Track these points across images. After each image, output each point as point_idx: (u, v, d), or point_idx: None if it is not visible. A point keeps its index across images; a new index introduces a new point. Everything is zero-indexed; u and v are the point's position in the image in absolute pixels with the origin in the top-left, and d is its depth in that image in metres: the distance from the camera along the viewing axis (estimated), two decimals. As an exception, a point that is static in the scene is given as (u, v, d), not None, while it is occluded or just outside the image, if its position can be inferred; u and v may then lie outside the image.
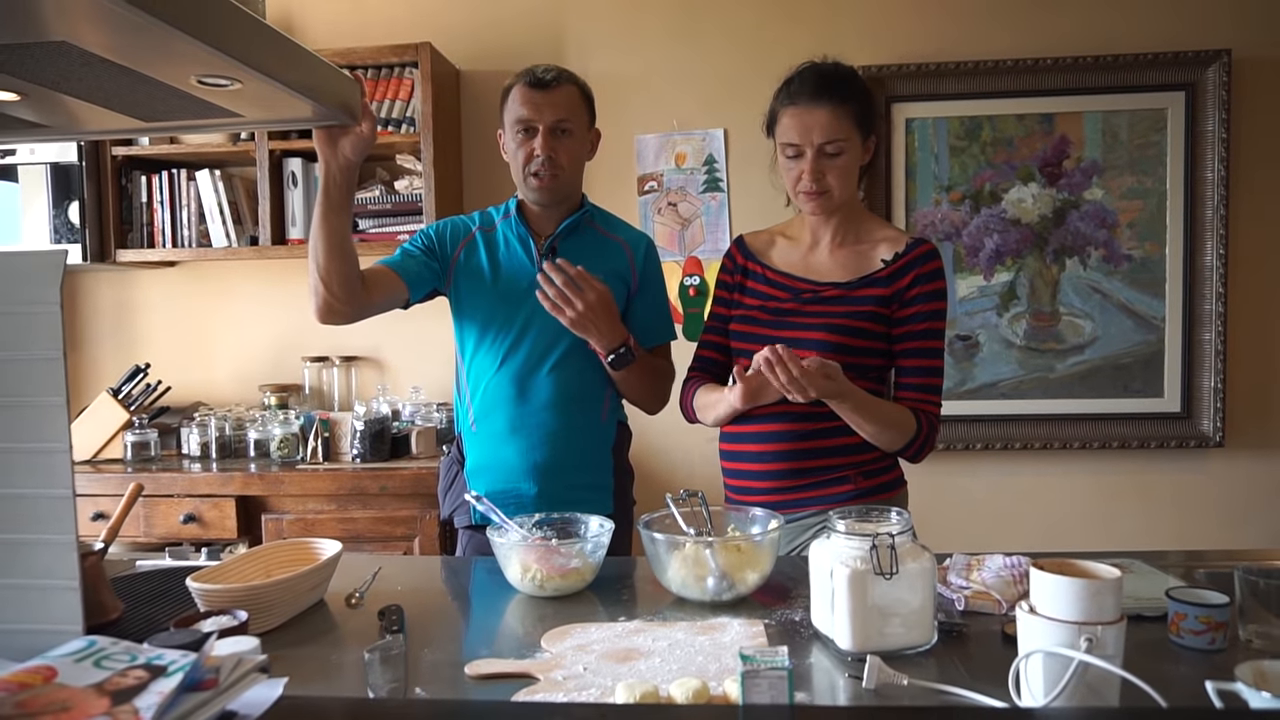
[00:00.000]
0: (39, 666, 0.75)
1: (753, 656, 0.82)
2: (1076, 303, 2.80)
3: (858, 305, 1.53)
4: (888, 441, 1.51)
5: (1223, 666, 1.01)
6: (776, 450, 1.53)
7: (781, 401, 1.45)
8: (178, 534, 2.50)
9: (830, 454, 1.53)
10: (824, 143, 1.48)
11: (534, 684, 1.02)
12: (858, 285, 1.55)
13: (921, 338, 1.54)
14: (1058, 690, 0.85)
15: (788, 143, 1.51)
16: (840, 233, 1.60)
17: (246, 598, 1.17)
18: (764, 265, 1.64)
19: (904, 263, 1.54)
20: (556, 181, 1.66)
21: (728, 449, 1.62)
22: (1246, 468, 2.79)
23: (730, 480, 1.62)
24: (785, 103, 1.52)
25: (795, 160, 1.52)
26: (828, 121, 1.48)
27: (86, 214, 2.75)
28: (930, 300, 1.54)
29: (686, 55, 2.88)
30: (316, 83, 1.29)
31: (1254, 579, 1.10)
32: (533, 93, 1.64)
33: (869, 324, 1.52)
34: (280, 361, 3.02)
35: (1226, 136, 2.68)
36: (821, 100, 1.48)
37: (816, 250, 1.62)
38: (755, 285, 1.63)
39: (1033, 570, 0.92)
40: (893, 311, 1.54)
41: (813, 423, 1.51)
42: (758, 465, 1.55)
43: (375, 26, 2.90)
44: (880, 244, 1.59)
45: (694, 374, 1.69)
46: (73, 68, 1.09)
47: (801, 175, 1.51)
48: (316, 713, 0.78)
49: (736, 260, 1.68)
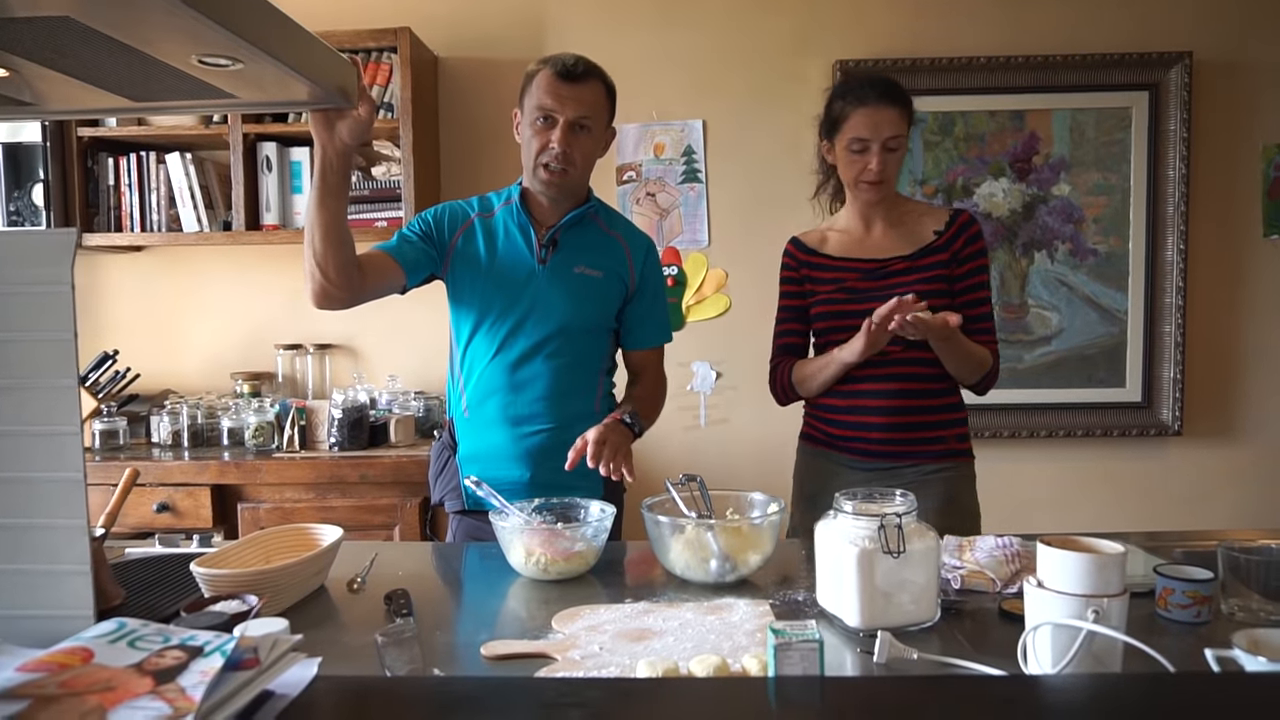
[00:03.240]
0: (74, 648, 0.74)
1: (784, 630, 0.84)
2: (1044, 295, 2.88)
3: (926, 272, 1.73)
4: (969, 373, 1.73)
5: (1207, 638, 1.07)
6: (889, 406, 1.72)
7: (888, 365, 1.69)
8: (151, 524, 2.45)
9: (931, 412, 1.74)
10: (889, 138, 1.68)
11: (553, 663, 1.03)
12: (919, 255, 1.75)
13: (979, 288, 1.77)
14: (1066, 659, 0.89)
15: (857, 138, 1.69)
16: (889, 215, 1.80)
17: (253, 583, 1.17)
18: (824, 255, 1.82)
19: (954, 230, 1.77)
20: (566, 177, 1.64)
21: (843, 404, 1.77)
22: (1203, 455, 2.90)
23: (842, 433, 1.78)
24: (855, 103, 1.71)
25: (861, 154, 1.70)
26: (895, 120, 1.69)
27: (51, 196, 2.67)
28: (980, 257, 1.77)
29: (666, 46, 2.89)
30: (316, 64, 1.27)
31: (1235, 555, 1.16)
32: (559, 84, 1.60)
33: (940, 285, 1.73)
34: (252, 349, 2.97)
35: (1188, 136, 2.78)
36: (888, 102, 1.69)
37: (871, 234, 1.81)
38: (823, 274, 1.81)
39: (1040, 546, 0.96)
40: (951, 271, 1.75)
41: (917, 383, 1.72)
42: (873, 418, 1.73)
43: (353, 10, 2.86)
44: (924, 219, 1.80)
45: (780, 359, 1.87)
46: (71, 44, 1.07)
47: (866, 167, 1.70)
48: (352, 693, 0.78)
49: (798, 257, 1.86)
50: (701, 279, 2.95)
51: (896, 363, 1.71)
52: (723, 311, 2.95)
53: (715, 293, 2.95)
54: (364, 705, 0.76)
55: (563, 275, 1.69)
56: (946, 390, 1.76)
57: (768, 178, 2.91)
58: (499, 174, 2.76)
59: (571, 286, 1.69)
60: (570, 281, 1.69)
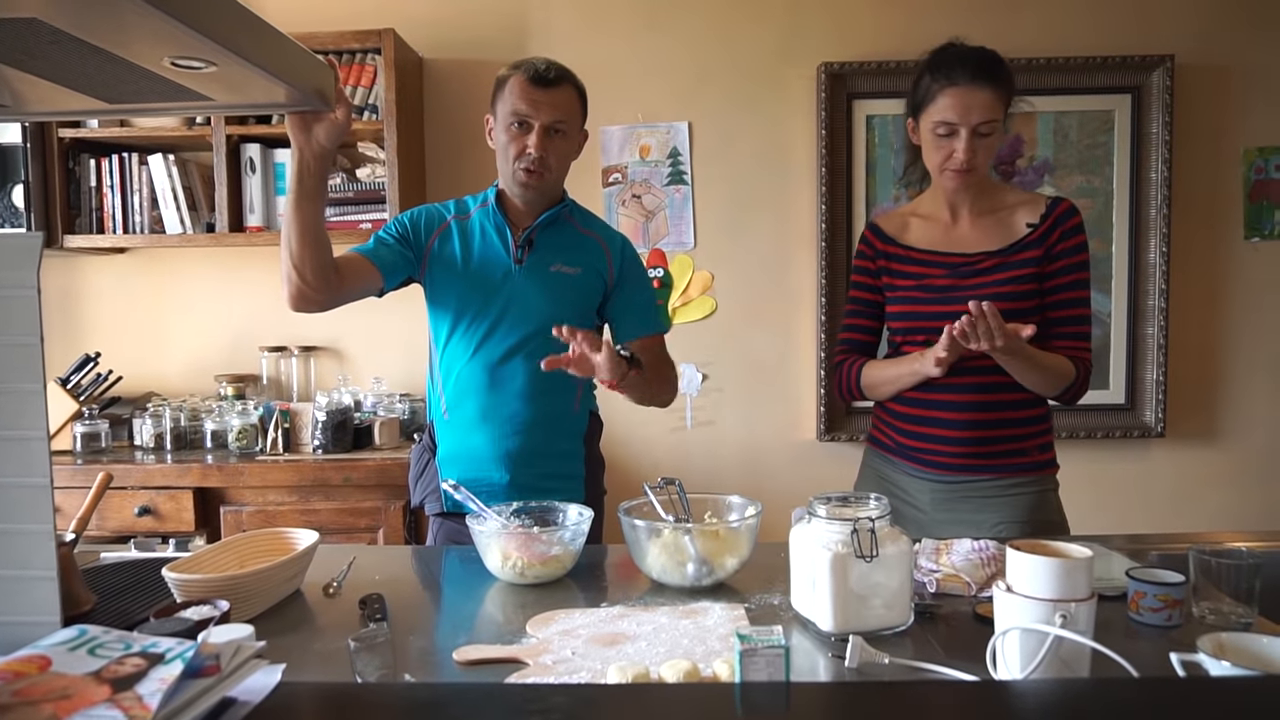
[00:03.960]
0: (31, 656, 0.73)
1: (750, 636, 0.84)
2: (1028, 297, 2.88)
3: (1017, 269, 1.59)
4: (1049, 387, 1.59)
5: (1179, 641, 1.07)
6: (966, 419, 1.60)
7: (967, 374, 1.56)
8: (132, 527, 2.43)
9: (1013, 425, 1.62)
10: (980, 122, 1.53)
11: (524, 668, 1.03)
12: (1011, 251, 1.60)
13: (1071, 288, 1.60)
14: (1034, 664, 0.90)
15: (944, 120, 1.55)
16: (978, 204, 1.65)
17: (225, 588, 1.16)
18: (904, 246, 1.68)
19: (1050, 222, 1.60)
20: (543, 181, 1.65)
21: (915, 414, 1.65)
22: (1186, 457, 2.91)
23: (914, 443, 1.66)
24: (944, 83, 1.55)
25: (948, 139, 1.56)
26: (987, 103, 1.52)
27: (31, 197, 2.65)
28: (1077, 253, 1.61)
29: (651, 48, 2.89)
30: (291, 66, 1.26)
31: (1206, 559, 1.16)
32: (532, 89, 1.61)
33: (1032, 285, 1.58)
34: (236, 351, 2.96)
35: (1170, 139, 2.79)
36: (980, 82, 1.53)
37: (958, 224, 1.66)
38: (902, 267, 1.67)
39: (1009, 551, 0.96)
40: (1043, 269, 1.59)
41: (998, 394, 1.59)
42: (948, 431, 1.61)
43: (338, 12, 2.85)
44: (1017, 209, 1.64)
45: (845, 355, 1.75)
46: (40, 46, 1.06)
47: (953, 153, 1.55)
48: (317, 699, 0.78)
49: (875, 245, 1.72)
50: (687, 281, 2.95)
51: (976, 370, 1.57)
52: (709, 313, 2.95)
53: (701, 295, 2.95)
54: (327, 711, 0.76)
55: (539, 274, 1.69)
56: (1031, 399, 1.62)
57: (753, 180, 2.91)
58: (483, 175, 2.75)
59: (548, 285, 1.69)
60: (547, 280, 1.69)
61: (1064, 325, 1.61)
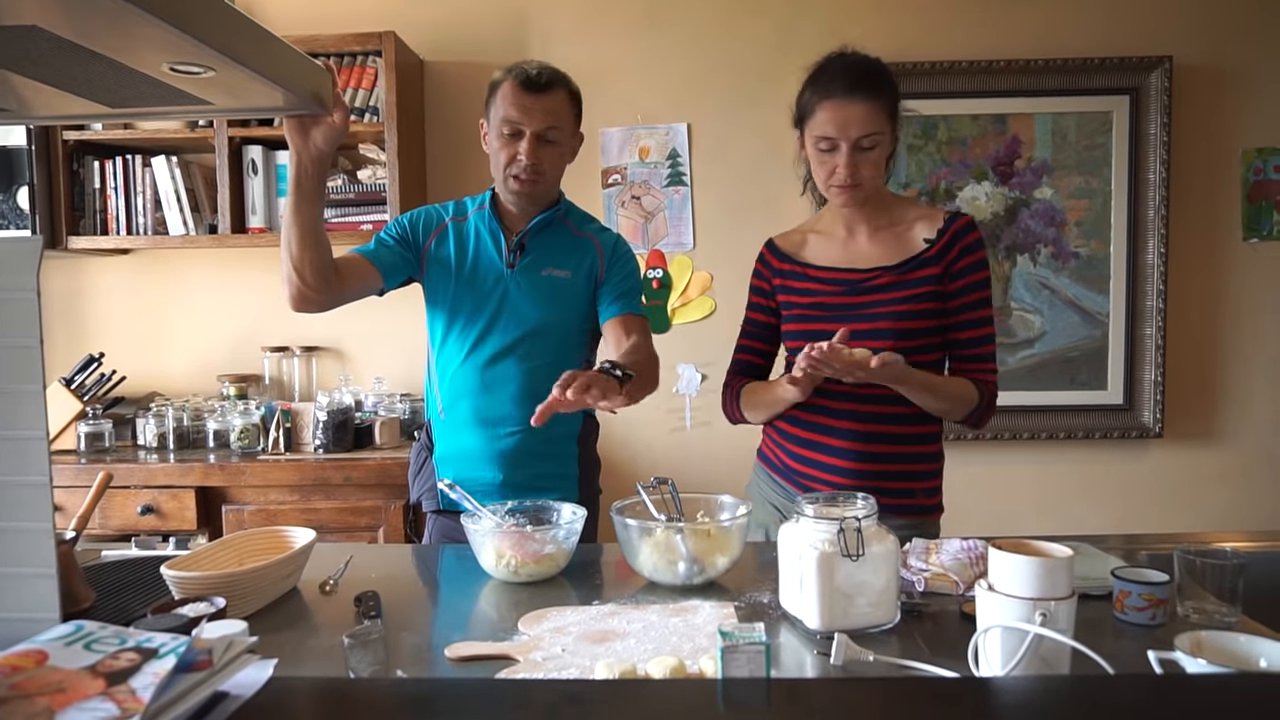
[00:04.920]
0: (28, 650, 0.75)
1: (731, 633, 0.85)
2: (1027, 298, 2.90)
3: (914, 288, 1.53)
4: (950, 413, 1.55)
5: (1163, 639, 1.08)
6: (855, 450, 1.54)
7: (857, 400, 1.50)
8: (135, 525, 2.46)
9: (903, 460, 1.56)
10: (860, 136, 1.47)
11: (514, 665, 1.05)
12: (908, 268, 1.55)
13: (974, 308, 1.56)
14: (1014, 661, 0.91)
15: (823, 136, 1.50)
16: (875, 219, 1.60)
17: (222, 585, 1.18)
18: (803, 264, 1.64)
19: (948, 238, 1.55)
20: (536, 187, 1.66)
21: (803, 435, 1.60)
22: (1183, 457, 2.92)
23: (801, 468, 1.60)
24: (821, 96, 1.50)
25: (829, 154, 1.50)
26: (864, 116, 1.46)
27: (36, 199, 2.68)
28: (977, 270, 1.55)
29: (651, 49, 2.90)
30: (288, 71, 1.28)
31: (1191, 559, 1.17)
32: (523, 95, 1.61)
33: (929, 304, 1.53)
34: (239, 351, 2.98)
35: (1168, 140, 2.79)
36: (857, 94, 1.47)
37: (854, 240, 1.62)
38: (800, 284, 1.62)
39: (991, 550, 0.98)
40: (944, 286, 1.54)
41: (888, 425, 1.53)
42: (835, 460, 1.55)
43: (338, 14, 2.88)
44: (916, 223, 1.59)
45: (733, 377, 1.71)
46: (41, 52, 1.08)
47: (836, 169, 1.50)
48: (307, 694, 0.80)
49: (771, 264, 1.68)
50: (687, 282, 2.96)
51: (869, 399, 1.52)
52: (708, 314, 2.97)
53: (700, 295, 2.97)
54: (317, 706, 0.78)
55: (531, 278, 1.70)
56: (925, 435, 1.57)
57: (752, 180, 2.92)
58: (484, 177, 2.74)
59: (540, 289, 1.70)
60: (539, 284, 1.70)
61: (967, 347, 1.56)
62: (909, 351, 1.49)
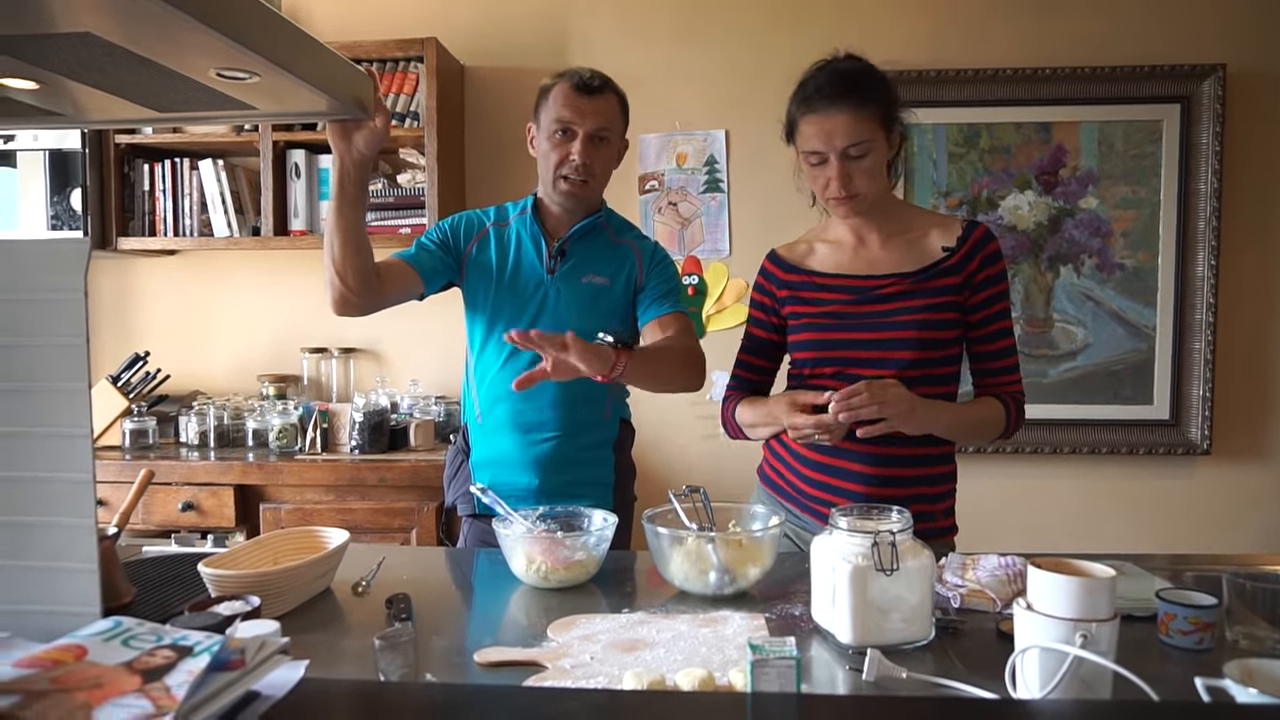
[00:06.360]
0: (69, 645, 0.77)
1: (761, 646, 0.84)
2: (1070, 309, 2.84)
3: (934, 297, 1.48)
4: (983, 437, 1.55)
5: (1210, 665, 1.04)
6: (874, 474, 1.49)
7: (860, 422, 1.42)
8: (176, 522, 2.51)
9: (922, 483, 1.52)
10: (847, 146, 1.42)
11: (542, 672, 1.04)
12: (927, 276, 1.49)
13: (998, 319, 1.52)
14: (1053, 684, 0.88)
15: (810, 150, 1.46)
16: (885, 225, 1.55)
17: (257, 584, 1.19)
18: (808, 271, 1.58)
19: (968, 248, 1.50)
20: (586, 188, 1.68)
21: (810, 456, 1.55)
22: (1232, 476, 2.83)
23: (817, 493, 1.55)
24: (803, 110, 1.47)
25: (820, 167, 1.46)
26: (849, 125, 1.42)
27: (88, 201, 2.75)
28: (998, 282, 1.51)
29: (689, 56, 2.90)
30: (331, 77, 1.30)
31: (1241, 582, 1.13)
32: (577, 97, 1.64)
33: (950, 314, 1.48)
34: (279, 352, 3.03)
35: (1220, 149, 2.72)
36: (840, 103, 1.42)
37: (866, 247, 1.56)
38: (809, 294, 1.56)
39: (1030, 568, 0.95)
40: (965, 299, 1.50)
41: (906, 447, 1.49)
42: (847, 484, 1.51)
43: (381, 21, 2.91)
44: (930, 231, 1.54)
45: (732, 393, 1.67)
46: (94, 58, 1.11)
47: (829, 182, 1.46)
48: (337, 696, 0.80)
49: (776, 275, 1.62)
50: (722, 288, 2.95)
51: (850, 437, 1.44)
52: (743, 321, 2.94)
53: (735, 302, 2.95)
54: (346, 708, 0.78)
55: (571, 285, 1.71)
56: (939, 456, 1.53)
57: (789, 188, 2.85)
58: (523, 182, 2.79)
59: (580, 295, 1.71)
60: (579, 291, 1.71)
61: (995, 359, 1.53)
62: (930, 362, 1.46)
